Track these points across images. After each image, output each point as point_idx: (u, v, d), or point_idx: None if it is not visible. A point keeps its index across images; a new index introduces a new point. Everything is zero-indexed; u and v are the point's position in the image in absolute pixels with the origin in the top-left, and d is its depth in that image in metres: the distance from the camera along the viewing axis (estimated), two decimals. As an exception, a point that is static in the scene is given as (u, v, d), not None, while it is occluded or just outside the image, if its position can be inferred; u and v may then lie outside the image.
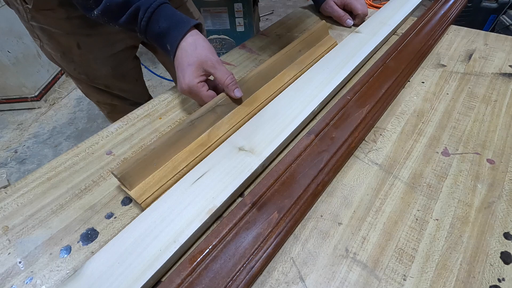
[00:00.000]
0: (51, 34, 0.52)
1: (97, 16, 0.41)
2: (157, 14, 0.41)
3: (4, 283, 0.28)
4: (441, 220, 0.32)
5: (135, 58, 0.68)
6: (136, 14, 0.40)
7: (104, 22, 0.42)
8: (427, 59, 0.56)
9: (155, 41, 0.43)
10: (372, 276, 0.28)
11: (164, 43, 0.42)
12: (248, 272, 0.27)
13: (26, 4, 0.48)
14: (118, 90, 0.67)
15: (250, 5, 1.37)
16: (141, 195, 0.33)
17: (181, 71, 0.41)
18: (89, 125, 1.61)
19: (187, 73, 0.41)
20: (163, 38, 0.42)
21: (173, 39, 0.41)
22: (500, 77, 0.51)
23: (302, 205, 0.32)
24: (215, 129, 0.41)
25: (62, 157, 0.40)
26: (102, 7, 0.40)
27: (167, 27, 0.41)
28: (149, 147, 0.35)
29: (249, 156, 0.36)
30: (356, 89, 0.46)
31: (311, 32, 0.55)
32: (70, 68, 0.59)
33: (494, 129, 0.42)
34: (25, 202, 0.35)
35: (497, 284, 0.27)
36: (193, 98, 0.44)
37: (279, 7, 2.59)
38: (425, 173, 0.37)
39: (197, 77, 0.41)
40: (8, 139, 1.54)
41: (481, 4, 1.51)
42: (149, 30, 0.41)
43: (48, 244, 0.31)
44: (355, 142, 0.39)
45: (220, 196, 0.32)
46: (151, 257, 0.28)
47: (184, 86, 0.41)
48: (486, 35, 0.62)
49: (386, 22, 0.63)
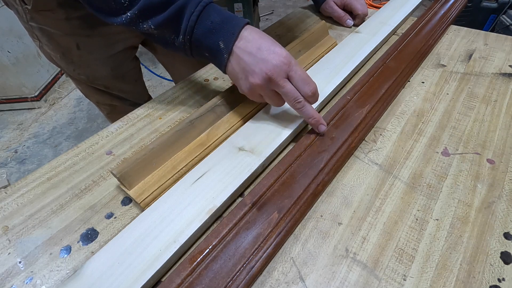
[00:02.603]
0: (50, 35, 0.52)
1: (130, 18, 0.36)
2: (209, 9, 0.36)
3: (4, 283, 0.28)
4: (441, 220, 0.32)
5: (135, 59, 0.68)
6: (182, 9, 0.35)
7: (132, 25, 0.37)
8: (427, 59, 0.56)
9: (203, 40, 0.36)
10: (372, 276, 0.28)
11: (215, 41, 0.36)
12: (248, 272, 0.27)
13: (25, 5, 0.48)
14: (117, 90, 0.67)
15: (250, 5, 1.37)
16: (140, 195, 0.33)
17: (259, 54, 0.35)
18: (89, 125, 1.61)
19: (276, 46, 0.35)
20: (215, 35, 0.36)
21: (228, 33, 0.36)
22: (500, 77, 0.51)
23: (302, 205, 0.32)
24: (214, 129, 0.41)
25: (62, 157, 0.40)
26: (141, 5, 0.35)
27: (220, 21, 0.36)
28: (148, 147, 0.35)
29: (249, 156, 0.36)
30: (356, 89, 0.46)
31: (311, 32, 0.55)
32: (70, 68, 0.59)
33: (494, 129, 0.42)
34: (25, 202, 0.35)
35: (497, 284, 0.27)
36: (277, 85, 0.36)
37: (279, 7, 2.59)
38: (425, 173, 0.37)
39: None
40: (8, 139, 1.54)
41: (481, 4, 1.51)
42: (199, 26, 0.36)
43: (48, 244, 0.31)
44: (355, 142, 0.39)
45: (220, 196, 0.32)
46: (151, 257, 0.28)
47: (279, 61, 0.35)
48: (486, 35, 0.62)
49: (386, 22, 0.63)
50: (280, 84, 0.35)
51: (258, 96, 0.38)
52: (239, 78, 0.37)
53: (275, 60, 0.35)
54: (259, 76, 0.35)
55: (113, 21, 0.37)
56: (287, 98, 0.37)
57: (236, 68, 0.37)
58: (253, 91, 0.37)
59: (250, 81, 0.36)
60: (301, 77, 0.36)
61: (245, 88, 0.38)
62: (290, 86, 0.36)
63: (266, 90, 0.37)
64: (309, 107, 0.37)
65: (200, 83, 0.52)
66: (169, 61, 0.74)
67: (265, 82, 0.36)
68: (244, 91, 0.39)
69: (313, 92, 0.37)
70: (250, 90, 0.37)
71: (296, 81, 0.36)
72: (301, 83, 0.36)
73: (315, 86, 0.37)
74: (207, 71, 0.56)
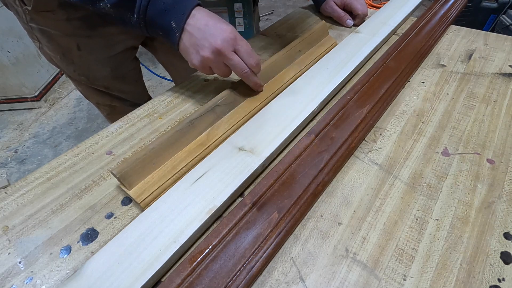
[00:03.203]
0: (50, 35, 0.52)
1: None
2: None
3: (4, 283, 0.28)
4: (441, 220, 0.32)
5: (135, 59, 0.68)
6: None
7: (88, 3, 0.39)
8: (427, 59, 0.56)
9: (156, 20, 0.39)
10: (372, 276, 0.28)
11: (167, 21, 0.39)
12: (248, 272, 0.27)
13: (25, 5, 0.48)
14: (117, 91, 0.67)
15: (250, 5, 1.37)
16: (140, 195, 0.33)
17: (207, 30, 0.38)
18: (89, 125, 1.61)
19: (223, 25, 0.39)
20: (167, 15, 0.39)
21: (179, 13, 0.39)
22: (500, 77, 0.51)
23: (302, 205, 0.32)
24: (214, 128, 0.41)
25: (62, 157, 0.40)
26: None
27: (172, 2, 0.39)
28: (148, 147, 0.35)
29: (249, 156, 0.36)
30: (356, 89, 0.46)
31: (311, 32, 0.55)
32: (70, 69, 0.59)
33: (494, 129, 0.42)
34: (25, 202, 0.35)
35: (497, 284, 0.27)
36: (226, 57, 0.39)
37: (279, 7, 2.59)
38: (425, 173, 0.37)
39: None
40: (8, 139, 1.54)
41: (481, 4, 1.51)
42: (151, 6, 0.38)
43: (48, 244, 0.31)
44: (355, 142, 0.39)
45: (220, 196, 0.32)
46: (151, 257, 0.28)
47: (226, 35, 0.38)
48: (486, 35, 0.62)
49: (386, 22, 0.63)
50: (229, 57, 0.39)
51: (208, 68, 0.42)
52: (190, 52, 0.40)
53: (223, 34, 0.39)
54: (208, 49, 0.39)
55: (94, 7, 0.39)
56: (235, 69, 0.41)
57: (187, 43, 0.40)
58: (204, 63, 0.40)
59: (201, 54, 0.39)
60: (246, 51, 0.40)
61: (196, 61, 0.40)
62: (237, 58, 0.40)
63: (216, 62, 0.40)
64: (253, 76, 0.43)
65: (200, 83, 0.52)
66: (169, 61, 0.74)
67: (214, 55, 0.39)
68: (195, 65, 0.41)
69: (256, 63, 0.41)
70: (201, 63, 0.40)
71: (242, 54, 0.40)
72: (247, 55, 0.40)
73: (259, 58, 0.42)
74: (207, 71, 0.56)
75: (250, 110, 0.44)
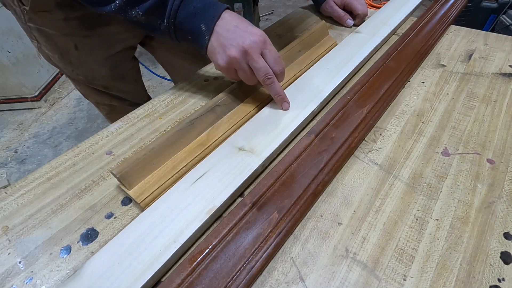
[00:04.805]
0: (48, 35, 0.52)
1: (119, 5, 0.38)
2: None
3: (4, 283, 0.28)
4: (441, 220, 0.32)
5: (134, 59, 0.68)
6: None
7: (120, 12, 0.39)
8: (427, 59, 0.56)
9: (185, 24, 0.39)
10: (372, 276, 0.28)
11: (197, 24, 0.39)
12: (248, 272, 0.27)
13: (23, 5, 0.48)
14: (116, 91, 0.67)
15: (250, 5, 1.37)
16: (140, 195, 0.33)
17: (237, 31, 0.38)
18: (89, 125, 1.61)
19: (253, 28, 0.38)
20: (197, 19, 0.39)
21: (209, 17, 0.39)
22: (500, 77, 0.51)
23: (302, 205, 0.32)
24: (214, 129, 0.41)
25: (62, 157, 0.40)
26: None
27: (202, 6, 0.39)
28: (148, 147, 0.35)
29: (249, 156, 0.36)
30: (356, 89, 0.46)
31: (311, 32, 0.55)
32: (68, 69, 0.59)
33: (494, 129, 0.42)
34: (25, 202, 0.35)
35: (497, 284, 0.27)
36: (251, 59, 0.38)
37: (279, 7, 2.59)
38: (425, 173, 0.37)
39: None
40: (8, 139, 1.54)
41: (481, 4, 1.51)
42: (182, 10, 0.38)
43: (48, 244, 0.31)
44: (355, 142, 0.39)
45: (220, 196, 0.32)
46: (151, 257, 0.28)
47: (256, 38, 0.38)
48: (486, 35, 0.62)
49: (386, 22, 0.63)
50: (255, 59, 0.38)
51: (233, 71, 0.41)
52: (217, 52, 0.39)
53: (252, 36, 0.38)
54: (236, 49, 0.38)
55: (101, 10, 0.39)
56: (258, 72, 0.39)
57: (215, 44, 0.39)
58: (230, 64, 0.39)
59: (227, 53, 0.38)
60: (274, 56, 0.39)
61: (222, 62, 0.39)
62: (263, 62, 0.39)
63: (242, 63, 0.39)
64: (277, 84, 0.41)
65: (200, 83, 0.52)
66: (167, 60, 0.74)
67: (241, 55, 0.38)
68: (220, 65, 0.40)
69: (281, 71, 0.40)
70: (227, 63, 0.39)
71: (269, 58, 0.39)
72: (273, 61, 0.39)
73: (284, 66, 0.41)
74: (207, 71, 0.56)
75: (250, 110, 0.44)
